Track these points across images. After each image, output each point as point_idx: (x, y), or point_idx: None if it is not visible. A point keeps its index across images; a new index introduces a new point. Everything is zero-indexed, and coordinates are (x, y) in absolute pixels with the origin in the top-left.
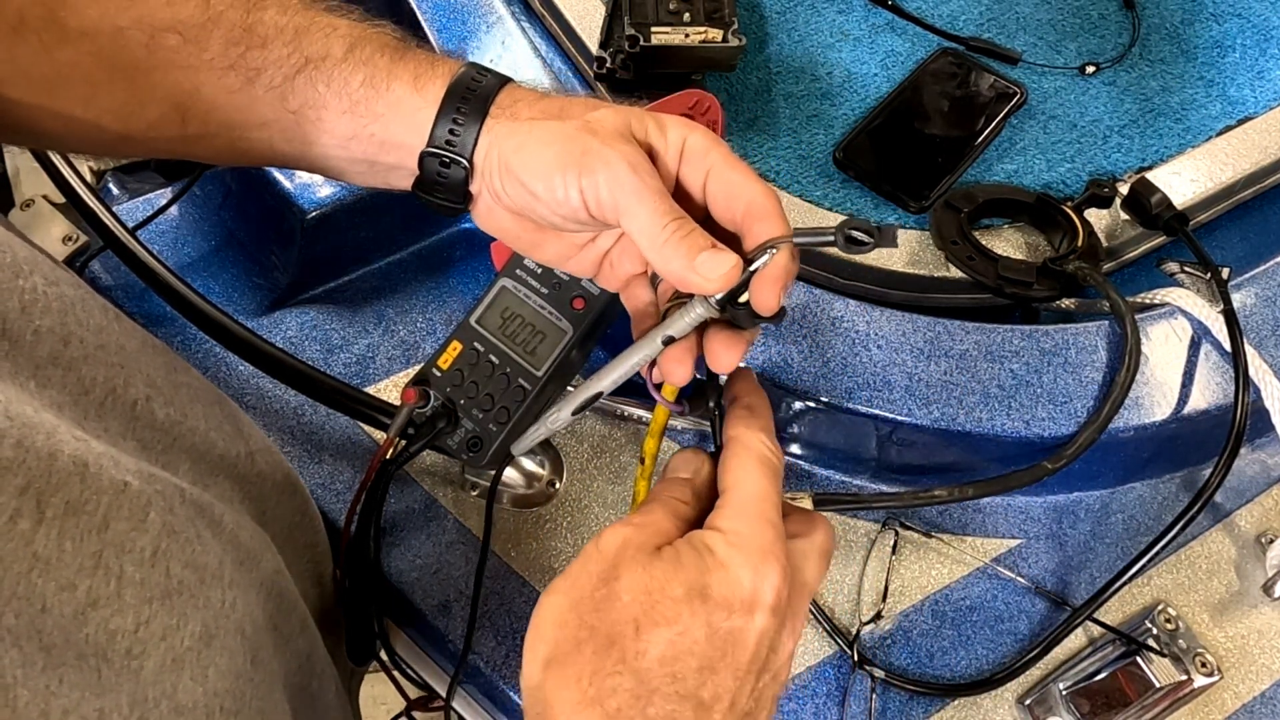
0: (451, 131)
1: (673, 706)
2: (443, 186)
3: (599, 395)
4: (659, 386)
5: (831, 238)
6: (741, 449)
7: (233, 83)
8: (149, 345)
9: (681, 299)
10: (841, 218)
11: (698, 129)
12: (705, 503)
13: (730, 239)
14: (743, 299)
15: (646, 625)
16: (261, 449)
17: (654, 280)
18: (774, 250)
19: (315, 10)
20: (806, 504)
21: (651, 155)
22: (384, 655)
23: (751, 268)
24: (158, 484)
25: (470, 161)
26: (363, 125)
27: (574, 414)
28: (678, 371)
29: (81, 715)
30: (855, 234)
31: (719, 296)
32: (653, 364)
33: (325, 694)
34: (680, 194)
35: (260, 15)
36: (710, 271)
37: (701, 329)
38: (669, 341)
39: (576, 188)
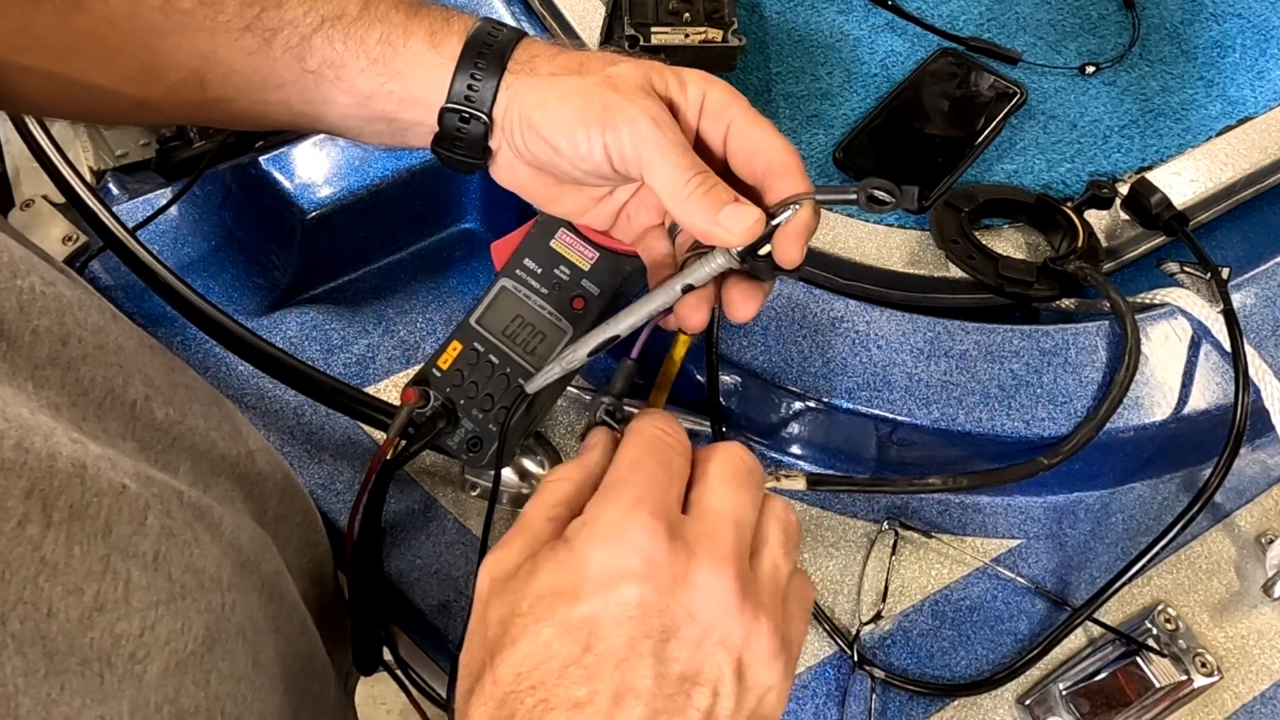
0: (470, 86)
1: (544, 717)
2: (462, 142)
3: (615, 338)
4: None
5: (854, 196)
6: (628, 432)
7: (250, 44)
8: (146, 345)
9: (700, 250)
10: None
11: (717, 83)
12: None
13: (749, 191)
14: (763, 251)
15: (498, 648)
16: (261, 449)
17: (671, 232)
18: (797, 206)
19: None
20: (800, 484)
21: (672, 109)
22: (389, 658)
23: (774, 222)
24: (155, 487)
25: (489, 116)
26: (381, 83)
27: (589, 355)
28: (693, 317)
29: None
30: (877, 194)
31: (740, 249)
32: (667, 312)
33: (326, 695)
34: (700, 147)
35: None
36: (733, 225)
37: (720, 279)
38: (688, 289)
39: (600, 143)
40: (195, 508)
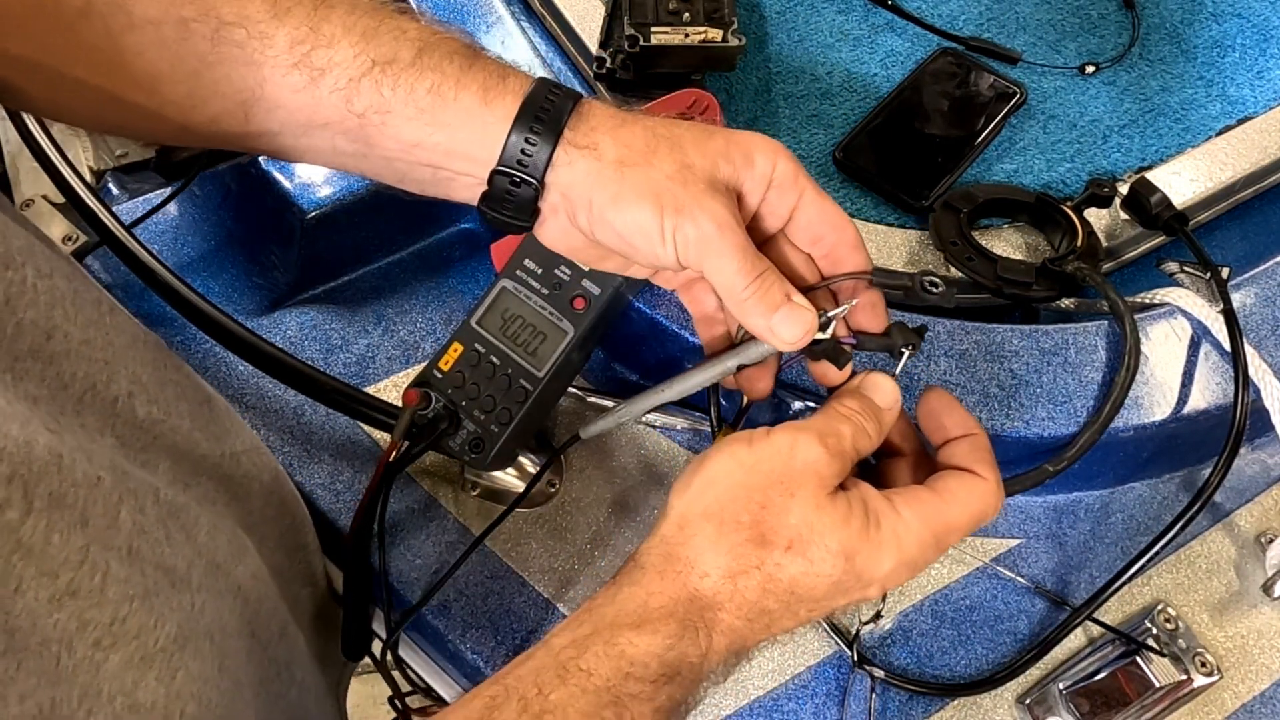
0: (524, 151)
1: (779, 607)
2: (510, 204)
3: (669, 402)
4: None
5: (908, 284)
6: (988, 489)
7: (296, 81)
8: (139, 341)
9: None
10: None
11: (783, 153)
12: (880, 439)
13: (801, 259)
14: (818, 337)
15: (795, 551)
16: (249, 449)
17: None
18: (853, 302)
19: (384, 12)
20: None
21: (738, 191)
22: (383, 654)
23: (829, 315)
24: (130, 481)
25: (542, 182)
26: (429, 134)
27: (643, 414)
28: (756, 388)
29: (37, 703)
30: (927, 281)
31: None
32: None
33: (305, 702)
34: (756, 216)
35: (328, 14)
36: (787, 334)
37: None
38: (742, 368)
39: (671, 244)
40: (170, 506)
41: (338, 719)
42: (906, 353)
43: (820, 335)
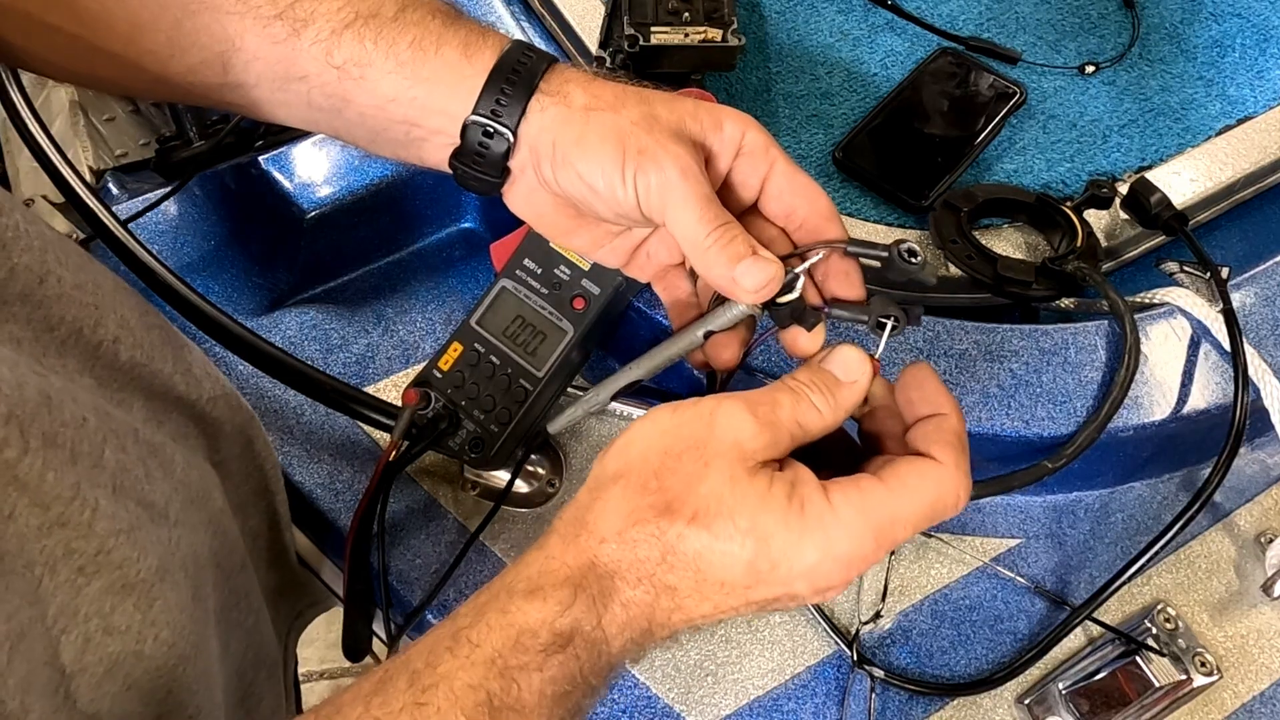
0: (498, 102)
1: (685, 585)
2: (482, 158)
3: (637, 381)
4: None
5: (885, 254)
6: (943, 474)
7: (278, 32)
8: (122, 288)
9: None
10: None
11: (753, 124)
12: (836, 418)
13: (773, 232)
14: (784, 299)
15: (699, 524)
16: (224, 395)
17: (694, 272)
18: (819, 254)
19: None
20: None
21: (706, 151)
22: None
23: (795, 271)
24: (112, 422)
25: (515, 134)
26: (406, 88)
27: (611, 399)
28: (723, 355)
29: (19, 623)
30: (903, 250)
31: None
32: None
33: (260, 630)
34: (728, 185)
35: None
36: (749, 282)
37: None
38: (709, 335)
39: (632, 187)
40: (149, 445)
41: (283, 653)
42: (888, 325)
43: (789, 297)
